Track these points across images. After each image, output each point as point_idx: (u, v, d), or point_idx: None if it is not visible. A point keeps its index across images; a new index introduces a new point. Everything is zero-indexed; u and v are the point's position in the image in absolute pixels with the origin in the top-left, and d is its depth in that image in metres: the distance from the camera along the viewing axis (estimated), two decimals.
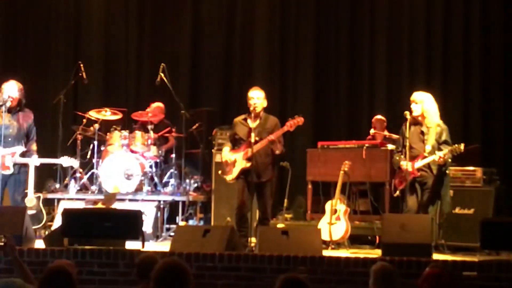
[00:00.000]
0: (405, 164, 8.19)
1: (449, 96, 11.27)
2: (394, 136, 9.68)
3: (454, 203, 8.76)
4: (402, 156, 8.31)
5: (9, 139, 8.40)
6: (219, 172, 8.95)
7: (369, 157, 9.32)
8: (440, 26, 11.56)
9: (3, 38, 12.38)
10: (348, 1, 11.97)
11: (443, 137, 8.23)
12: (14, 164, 8.39)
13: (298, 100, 11.86)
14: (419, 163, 8.14)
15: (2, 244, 7.19)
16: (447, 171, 8.32)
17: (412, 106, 8.31)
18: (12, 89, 8.51)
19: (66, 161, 8.51)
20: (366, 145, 9.60)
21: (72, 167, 10.38)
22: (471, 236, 8.27)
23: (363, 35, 11.89)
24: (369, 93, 11.76)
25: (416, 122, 8.32)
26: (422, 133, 8.29)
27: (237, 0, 12.37)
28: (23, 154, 8.54)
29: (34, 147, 8.64)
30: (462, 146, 8.06)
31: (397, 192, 8.35)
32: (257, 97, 8.43)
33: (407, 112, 8.29)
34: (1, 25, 12.39)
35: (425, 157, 8.15)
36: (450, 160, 8.24)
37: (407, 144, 8.20)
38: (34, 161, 8.46)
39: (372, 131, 10.49)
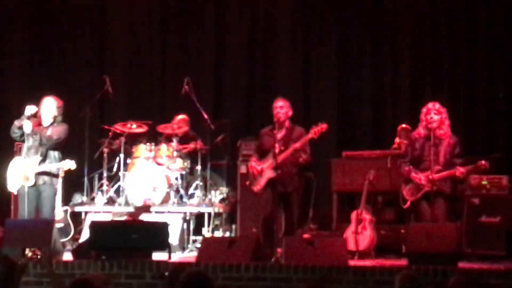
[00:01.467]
0: (419, 177, 8.16)
1: (473, 104, 11.25)
2: None
3: (479, 211, 8.72)
4: (412, 167, 8.26)
5: (31, 150, 8.45)
6: (247, 183, 8.99)
7: (394, 167, 9.31)
8: (464, 35, 11.54)
9: (29, 50, 12.49)
10: (370, 10, 11.96)
11: (457, 150, 8.21)
12: (36, 176, 8.40)
13: (321, 110, 11.85)
14: (437, 176, 8.09)
15: (39, 257, 7.34)
16: None
17: (432, 116, 8.24)
18: (49, 106, 8.58)
19: (65, 164, 8.51)
20: (391, 154, 9.61)
21: (100, 179, 10.53)
22: (497, 245, 8.24)
23: (386, 42, 11.88)
24: (392, 101, 11.74)
25: (427, 133, 8.27)
26: (435, 144, 8.24)
27: (259, 10, 12.40)
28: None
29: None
30: (487, 164, 8.01)
31: (407, 203, 8.31)
32: (280, 107, 8.50)
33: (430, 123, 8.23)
34: (28, 37, 12.50)
35: (440, 170, 8.10)
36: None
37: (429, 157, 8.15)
38: (47, 167, 8.44)
39: (397, 139, 10.48)
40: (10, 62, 12.44)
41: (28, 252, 7.44)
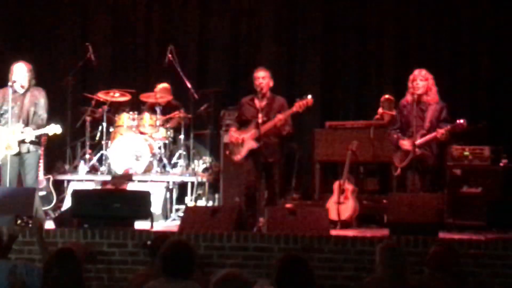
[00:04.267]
0: (405, 143, 8.19)
1: (457, 74, 11.27)
2: None
3: (461, 182, 8.76)
4: (400, 134, 8.30)
5: (13, 119, 8.37)
6: (227, 152, 8.99)
7: (377, 137, 9.35)
8: (448, 4, 11.50)
9: (11, 20, 12.37)
10: None
11: (443, 115, 8.23)
12: (19, 143, 8.34)
13: (305, 80, 11.84)
14: (420, 141, 8.12)
15: (30, 225, 7.33)
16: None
17: (417, 82, 8.25)
18: (21, 72, 8.47)
19: (50, 129, 8.44)
20: (374, 125, 9.62)
21: (83, 147, 10.51)
22: (479, 215, 8.29)
23: (370, 13, 11.84)
24: (377, 72, 11.74)
25: (415, 100, 8.27)
26: (421, 110, 8.25)
27: None
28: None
29: (38, 123, 8.53)
30: (464, 122, 8.03)
31: (398, 171, 8.36)
32: (262, 77, 8.46)
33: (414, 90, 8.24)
34: (9, 6, 12.38)
35: (424, 134, 8.13)
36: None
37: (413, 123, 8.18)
38: (27, 134, 8.37)
39: (380, 110, 10.49)
40: None
41: (20, 222, 7.43)
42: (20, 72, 8.43)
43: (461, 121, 8.03)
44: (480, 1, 11.39)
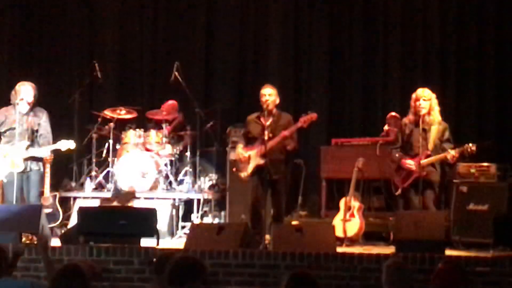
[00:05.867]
0: (409, 163, 8.18)
1: (463, 92, 11.26)
2: None
3: (468, 199, 8.74)
4: (402, 153, 8.30)
5: (17, 137, 8.41)
6: (234, 169, 8.99)
7: (383, 154, 9.33)
8: (454, 23, 11.50)
9: (18, 38, 12.43)
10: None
11: (446, 135, 8.24)
12: (24, 161, 8.36)
13: (311, 97, 11.83)
14: (425, 161, 8.11)
15: (36, 243, 7.33)
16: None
17: (420, 102, 8.25)
18: (28, 91, 8.51)
19: (63, 144, 8.48)
20: (380, 142, 9.62)
21: (89, 164, 10.54)
22: (485, 232, 8.26)
23: (376, 31, 11.84)
24: (383, 89, 11.72)
25: (417, 120, 8.29)
26: (424, 130, 8.24)
27: None
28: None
29: (44, 143, 8.56)
30: (474, 147, 8.05)
31: (399, 191, 8.34)
32: (268, 94, 8.49)
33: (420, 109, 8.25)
34: (16, 24, 12.44)
35: (428, 155, 8.13)
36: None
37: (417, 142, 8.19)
38: (37, 151, 8.41)
39: (386, 127, 10.48)
40: None
41: (24, 240, 7.43)
42: (27, 92, 8.49)
43: (470, 145, 8.07)
44: (487, 17, 11.37)
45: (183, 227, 9.85)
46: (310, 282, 4.22)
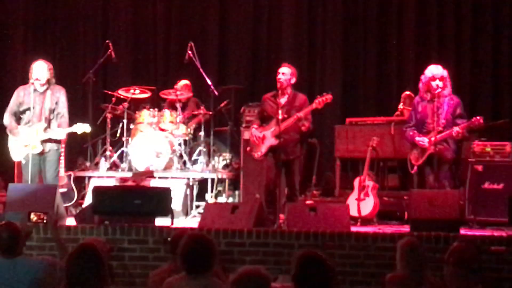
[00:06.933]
0: (422, 140, 8.16)
1: (479, 71, 11.20)
2: None
3: (483, 178, 8.70)
4: (416, 131, 8.27)
5: (34, 118, 8.43)
6: (248, 149, 8.99)
7: (397, 133, 9.30)
8: (470, 2, 11.43)
9: (32, 18, 12.45)
10: None
11: (458, 110, 8.18)
12: (42, 142, 8.39)
13: (326, 77, 11.83)
14: (438, 137, 8.08)
15: (45, 221, 7.36)
16: None
17: (437, 83, 8.19)
18: (41, 70, 8.49)
19: (79, 128, 8.50)
20: (395, 121, 9.58)
21: (103, 144, 10.56)
22: (500, 211, 8.23)
23: (391, 9, 11.79)
24: (397, 68, 11.68)
25: (430, 96, 8.24)
26: (436, 107, 8.19)
27: None
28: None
29: (62, 122, 8.57)
30: (481, 119, 7.98)
31: (415, 168, 8.31)
32: (282, 73, 8.46)
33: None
34: (30, 6, 12.46)
35: (440, 131, 8.08)
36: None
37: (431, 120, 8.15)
38: (54, 133, 8.43)
39: (400, 106, 10.44)
40: (14, 28, 12.38)
41: (33, 217, 7.45)
42: (41, 70, 8.46)
43: (477, 117, 8.00)
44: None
45: (197, 207, 9.86)
46: (319, 262, 4.22)
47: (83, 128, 8.43)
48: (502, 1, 11.28)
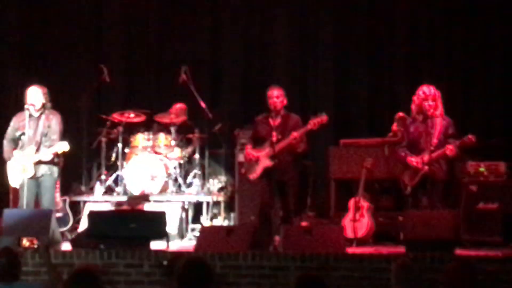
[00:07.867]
0: (414, 160, 8.17)
1: (471, 89, 11.25)
2: None
3: (477, 198, 8.73)
4: (408, 152, 8.28)
5: (27, 143, 8.40)
6: (243, 171, 9.01)
7: (391, 154, 9.33)
8: (459, 18, 11.48)
9: (23, 41, 12.43)
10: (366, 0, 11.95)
11: (451, 130, 8.18)
12: (34, 166, 8.36)
13: (318, 97, 11.85)
14: (428, 158, 8.08)
15: (36, 247, 7.35)
16: None
17: (430, 103, 8.19)
18: (35, 95, 8.49)
19: (59, 146, 8.45)
20: (388, 142, 9.62)
21: (98, 168, 10.57)
22: (495, 231, 8.25)
23: (382, 30, 11.85)
24: (389, 90, 11.72)
25: (421, 117, 8.27)
26: (428, 127, 8.20)
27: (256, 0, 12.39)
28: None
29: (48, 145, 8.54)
30: (473, 138, 7.97)
31: (409, 189, 8.31)
32: (275, 96, 8.48)
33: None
34: (21, 27, 12.44)
35: (432, 151, 8.10)
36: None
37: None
38: (42, 155, 8.38)
39: (394, 127, 10.47)
40: (5, 51, 12.37)
41: (25, 242, 7.44)
42: (35, 95, 8.47)
43: (470, 136, 8.01)
44: (493, 13, 11.36)
45: (192, 230, 9.87)
46: (318, 284, 4.23)
47: (62, 146, 8.36)
48: (492, 20, 11.35)
